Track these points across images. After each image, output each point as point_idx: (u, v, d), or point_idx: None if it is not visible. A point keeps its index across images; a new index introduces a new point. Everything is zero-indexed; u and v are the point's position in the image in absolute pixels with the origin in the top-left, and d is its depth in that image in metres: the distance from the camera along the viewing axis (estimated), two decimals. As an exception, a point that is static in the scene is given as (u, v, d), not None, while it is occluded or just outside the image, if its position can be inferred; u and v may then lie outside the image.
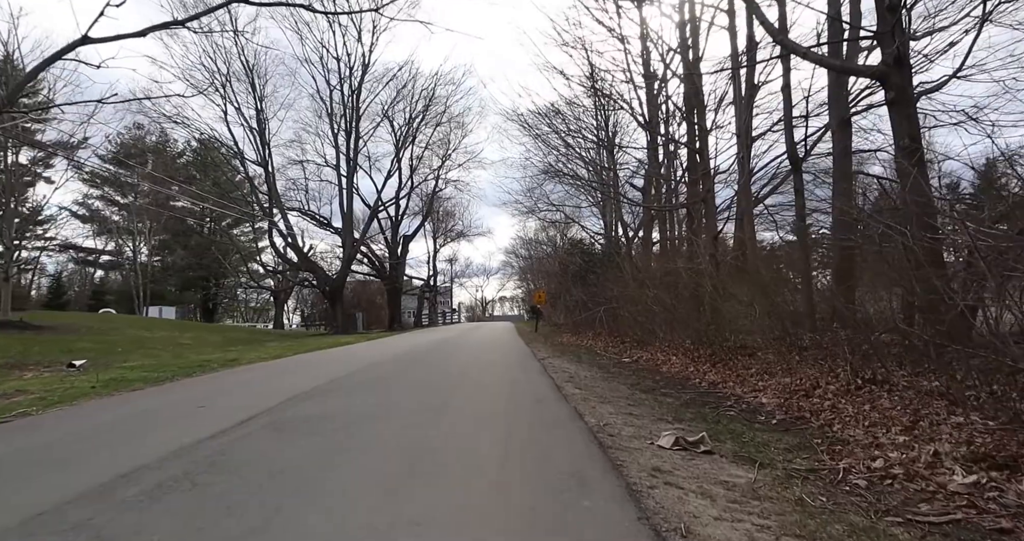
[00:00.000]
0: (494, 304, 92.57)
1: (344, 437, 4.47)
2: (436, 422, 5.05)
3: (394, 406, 5.93)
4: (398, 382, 7.97)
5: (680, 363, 9.83)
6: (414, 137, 35.75)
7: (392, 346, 17.56)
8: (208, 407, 6.05)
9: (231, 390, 7.72)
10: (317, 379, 8.41)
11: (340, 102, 32.15)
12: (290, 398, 6.48)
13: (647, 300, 14.37)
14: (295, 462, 3.75)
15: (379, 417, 5.34)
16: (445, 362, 11.10)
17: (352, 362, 11.43)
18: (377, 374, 9.10)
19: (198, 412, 5.81)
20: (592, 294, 21.01)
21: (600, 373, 9.19)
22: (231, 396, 7.09)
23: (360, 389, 7.25)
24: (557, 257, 33.20)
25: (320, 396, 6.70)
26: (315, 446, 4.19)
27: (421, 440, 4.34)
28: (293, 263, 34.09)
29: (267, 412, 5.61)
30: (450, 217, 52.56)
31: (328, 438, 4.44)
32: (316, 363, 11.74)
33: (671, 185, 20.47)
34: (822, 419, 5.22)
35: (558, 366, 10.11)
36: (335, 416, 5.38)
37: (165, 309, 46.39)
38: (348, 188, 32.18)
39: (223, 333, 26.98)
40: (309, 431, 4.72)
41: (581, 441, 4.31)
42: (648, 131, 19.01)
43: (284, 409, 5.77)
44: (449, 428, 4.80)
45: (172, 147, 52.22)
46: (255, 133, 30.17)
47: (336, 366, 10.62)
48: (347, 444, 4.25)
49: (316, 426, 4.93)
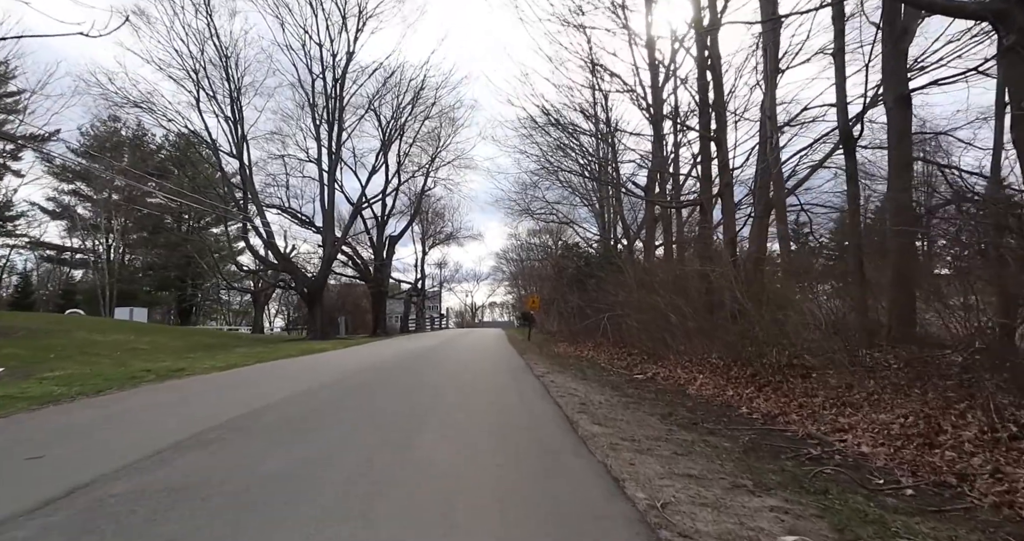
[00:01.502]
0: (484, 310, 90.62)
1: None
2: (379, 507, 2.99)
3: (321, 465, 3.85)
4: (348, 414, 5.98)
5: (712, 384, 8.00)
6: (402, 131, 33.84)
7: (366, 355, 15.63)
8: (45, 458, 4.07)
9: (122, 419, 5.76)
10: (249, 403, 6.46)
11: (323, 92, 30.22)
12: (181, 442, 4.44)
13: (659, 307, 12.56)
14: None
15: (283, 490, 3.29)
16: (420, 379, 9.19)
17: (306, 378, 9.48)
18: (326, 398, 7.16)
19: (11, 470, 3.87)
20: (591, 300, 19.17)
21: (617, 397, 7.33)
22: (108, 431, 5.13)
23: (286, 427, 5.17)
24: (552, 260, 31.39)
25: (225, 439, 4.62)
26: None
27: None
28: (270, 263, 32.00)
29: (123, 471, 3.63)
30: (439, 218, 50.66)
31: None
32: (266, 377, 9.80)
33: (679, 181, 18.74)
34: (987, 491, 3.39)
35: (562, 386, 8.25)
36: (215, 488, 3.30)
37: (137, 310, 43.97)
38: (330, 183, 30.20)
39: (189, 337, 24.86)
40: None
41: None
42: (652, 117, 17.26)
43: (151, 468, 3.72)
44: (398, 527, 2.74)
45: (149, 141, 50.07)
46: (230, 122, 28.15)
47: (284, 383, 8.68)
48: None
49: (163, 515, 2.84)
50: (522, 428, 5.23)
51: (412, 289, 50.02)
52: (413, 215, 40.75)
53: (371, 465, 3.83)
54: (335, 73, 30.03)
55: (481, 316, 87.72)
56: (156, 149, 50.25)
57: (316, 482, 3.44)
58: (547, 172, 28.00)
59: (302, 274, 31.07)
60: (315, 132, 30.94)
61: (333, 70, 30.03)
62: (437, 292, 66.76)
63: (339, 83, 30.09)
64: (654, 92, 17.22)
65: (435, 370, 10.58)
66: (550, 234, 38.59)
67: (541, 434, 4.95)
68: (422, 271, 52.23)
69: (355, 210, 32.75)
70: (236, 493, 3.21)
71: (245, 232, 30.29)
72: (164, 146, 49.20)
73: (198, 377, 9.87)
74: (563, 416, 5.74)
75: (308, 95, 30.83)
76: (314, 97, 30.63)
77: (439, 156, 37.66)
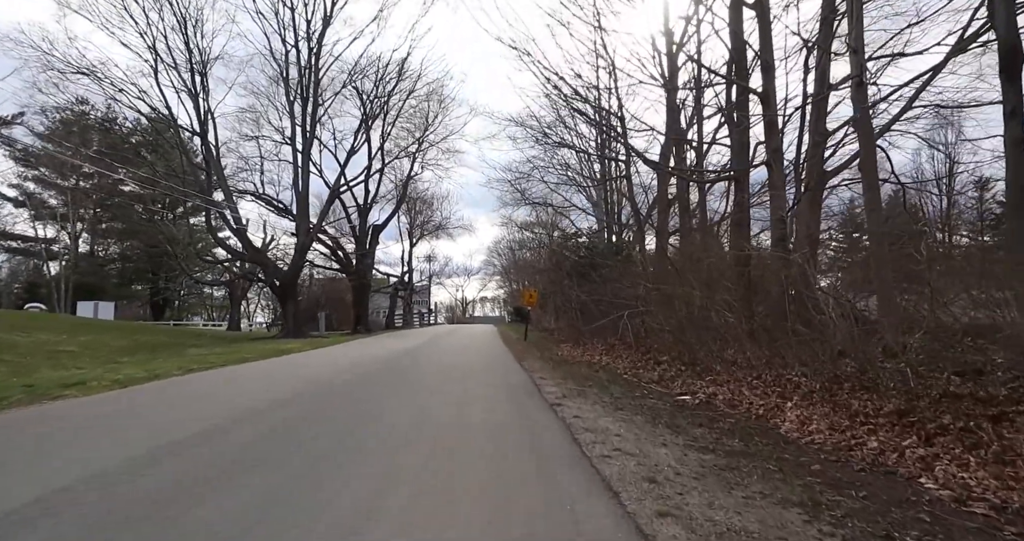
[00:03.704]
0: (475, 304, 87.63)
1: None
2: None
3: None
4: (220, 501, 3.20)
5: (821, 420, 5.19)
6: (385, 106, 30.73)
7: (330, 361, 12.77)
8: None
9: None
10: (107, 457, 3.63)
11: (296, 62, 27.13)
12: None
13: (695, 302, 9.78)
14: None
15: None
16: (379, 409, 6.35)
17: (233, 402, 6.63)
18: (215, 454, 4.32)
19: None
20: (597, 294, 16.34)
21: (688, 450, 4.50)
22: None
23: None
24: (550, 248, 28.55)
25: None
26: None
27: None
28: (237, 253, 28.95)
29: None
30: (428, 207, 47.62)
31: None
32: (184, 399, 6.93)
33: (702, 151, 15.91)
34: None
35: (594, 425, 5.40)
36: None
37: (103, 305, 40.81)
38: (304, 164, 27.10)
39: (140, 336, 21.83)
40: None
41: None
42: (667, 68, 14.40)
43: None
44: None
45: (120, 124, 46.59)
46: (191, 95, 24.99)
47: (199, 409, 5.82)
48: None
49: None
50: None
51: (399, 282, 47.02)
52: (399, 201, 37.68)
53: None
54: (310, 43, 26.98)
55: (472, 311, 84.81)
56: (128, 133, 46.85)
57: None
58: (545, 150, 25.23)
59: (274, 266, 28.03)
60: (289, 109, 27.89)
61: (308, 39, 26.98)
62: (426, 286, 63.77)
63: (315, 53, 27.02)
64: (667, 39, 14.32)
65: (400, 393, 7.63)
66: (544, 228, 35.71)
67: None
68: (409, 264, 49.28)
69: (332, 193, 29.62)
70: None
71: (209, 219, 27.17)
72: (136, 130, 45.83)
73: (95, 397, 7.01)
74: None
75: (281, 68, 27.79)
76: (287, 70, 27.59)
77: (427, 138, 34.69)
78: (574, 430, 4.99)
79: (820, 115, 12.33)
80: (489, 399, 6.74)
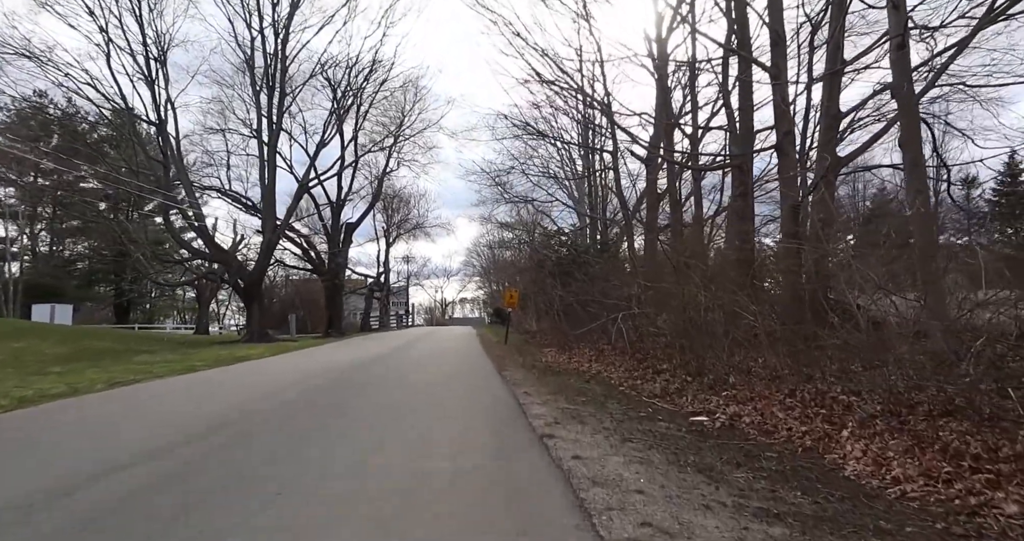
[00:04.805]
0: (454, 306, 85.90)
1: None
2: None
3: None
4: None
5: (915, 466, 3.85)
6: (357, 98, 29.08)
7: (280, 372, 11.26)
8: None
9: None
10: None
11: (262, 50, 25.40)
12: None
13: (712, 304, 8.47)
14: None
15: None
16: (300, 460, 4.83)
17: (109, 444, 5.12)
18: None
19: None
20: (584, 295, 14.97)
21: (747, 517, 3.13)
22: None
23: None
24: (531, 246, 27.16)
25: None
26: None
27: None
28: (199, 252, 27.09)
29: None
30: (405, 206, 45.98)
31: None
32: (58, 432, 5.40)
33: (696, 137, 14.61)
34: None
35: (598, 469, 4.00)
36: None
37: (60, 308, 38.34)
38: (271, 157, 25.36)
39: (85, 341, 19.94)
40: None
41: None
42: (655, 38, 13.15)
43: None
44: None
45: (83, 118, 44.06)
46: (147, 82, 23.08)
47: (53, 455, 4.33)
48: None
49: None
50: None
51: (375, 283, 45.29)
52: (374, 197, 35.98)
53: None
54: (276, 28, 25.29)
55: (451, 312, 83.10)
56: (90, 128, 44.32)
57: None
58: (526, 145, 23.88)
59: (238, 265, 26.22)
60: (255, 98, 26.10)
61: (275, 25, 25.29)
62: (404, 287, 61.98)
63: (282, 40, 25.33)
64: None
65: (346, 426, 5.87)
66: (525, 227, 34.26)
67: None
68: (386, 264, 47.61)
69: (300, 187, 27.83)
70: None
71: (167, 216, 25.28)
72: (98, 125, 43.34)
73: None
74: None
75: (246, 55, 26.00)
76: (253, 57, 25.82)
77: (402, 132, 33.08)
78: (577, 483, 3.57)
79: (833, 94, 11.14)
80: (460, 433, 5.22)
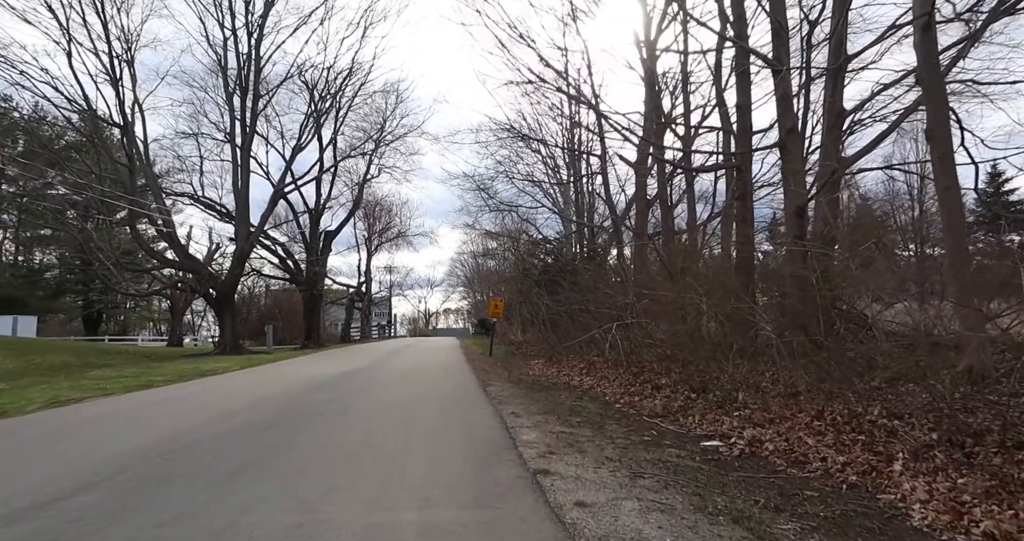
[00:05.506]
0: (438, 316, 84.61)
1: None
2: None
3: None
4: None
5: (1012, 519, 3.08)
6: (335, 100, 28.17)
7: (240, 389, 10.27)
8: None
9: None
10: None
11: (235, 51, 24.44)
12: None
13: (715, 314, 7.70)
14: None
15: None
16: (220, 523, 3.89)
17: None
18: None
19: None
20: (573, 303, 14.18)
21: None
22: None
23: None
24: (516, 254, 26.34)
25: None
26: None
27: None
28: (167, 260, 25.85)
29: None
30: (387, 213, 44.99)
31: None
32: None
33: (690, 134, 13.86)
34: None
35: (609, 521, 3.15)
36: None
37: (23, 319, 36.68)
38: (244, 161, 24.30)
39: (42, 355, 18.64)
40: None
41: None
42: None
43: None
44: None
45: (51, 123, 42.49)
46: (111, 82, 21.96)
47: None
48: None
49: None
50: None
51: (355, 293, 44.09)
52: (355, 205, 34.93)
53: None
54: (249, 28, 24.36)
55: (435, 323, 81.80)
56: (59, 134, 42.76)
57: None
58: (511, 151, 23.19)
59: (209, 274, 25.04)
60: (228, 101, 25.08)
61: (248, 25, 24.35)
62: (386, 297, 60.75)
63: (255, 39, 24.42)
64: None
65: (297, 465, 4.80)
66: (510, 236, 33.49)
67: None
68: (367, 274, 46.43)
69: (276, 192, 26.77)
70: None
71: (133, 222, 24.07)
72: (67, 130, 41.81)
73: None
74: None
75: (219, 56, 25.02)
76: (226, 58, 24.82)
77: (383, 138, 32.17)
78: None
79: (836, 91, 10.54)
80: (435, 470, 4.30)
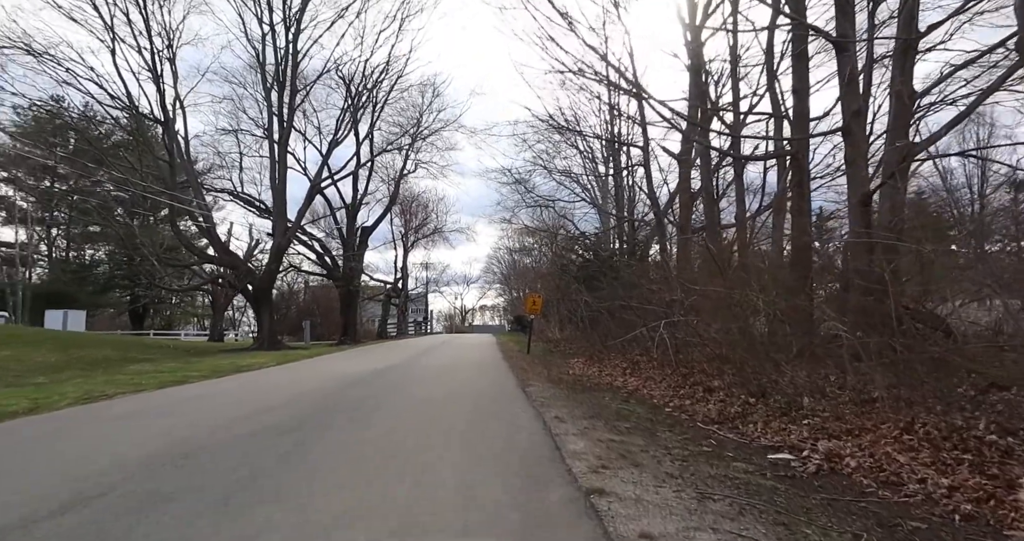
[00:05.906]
0: (474, 313, 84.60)
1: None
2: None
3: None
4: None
5: None
6: (372, 94, 28.03)
7: (272, 387, 10.00)
8: None
9: None
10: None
11: (273, 45, 24.48)
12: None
13: (776, 312, 6.99)
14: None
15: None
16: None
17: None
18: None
19: None
20: (615, 300, 13.50)
21: None
22: None
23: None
24: (554, 250, 25.74)
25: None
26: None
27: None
28: (206, 256, 26.16)
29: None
30: (423, 209, 44.93)
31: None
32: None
33: (739, 121, 12.94)
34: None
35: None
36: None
37: (73, 314, 37.86)
38: (281, 156, 24.35)
39: (85, 349, 18.96)
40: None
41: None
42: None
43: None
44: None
45: (100, 122, 43.78)
46: (153, 79, 22.22)
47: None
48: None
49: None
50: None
51: (392, 289, 44.15)
52: (391, 199, 34.89)
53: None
54: (287, 22, 24.35)
55: (471, 320, 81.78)
56: (107, 132, 44.04)
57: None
58: (549, 143, 22.59)
59: (247, 269, 25.22)
60: (266, 96, 25.18)
61: (285, 19, 24.33)
62: (423, 294, 60.86)
63: (293, 33, 24.40)
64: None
65: (326, 456, 4.57)
66: (547, 231, 32.91)
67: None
68: (404, 270, 46.45)
69: (313, 187, 26.78)
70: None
71: (173, 217, 24.38)
72: (116, 129, 43.00)
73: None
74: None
75: (257, 51, 25.11)
76: (264, 53, 24.89)
77: (420, 133, 31.95)
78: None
79: (906, 71, 9.60)
80: (472, 485, 3.60)
